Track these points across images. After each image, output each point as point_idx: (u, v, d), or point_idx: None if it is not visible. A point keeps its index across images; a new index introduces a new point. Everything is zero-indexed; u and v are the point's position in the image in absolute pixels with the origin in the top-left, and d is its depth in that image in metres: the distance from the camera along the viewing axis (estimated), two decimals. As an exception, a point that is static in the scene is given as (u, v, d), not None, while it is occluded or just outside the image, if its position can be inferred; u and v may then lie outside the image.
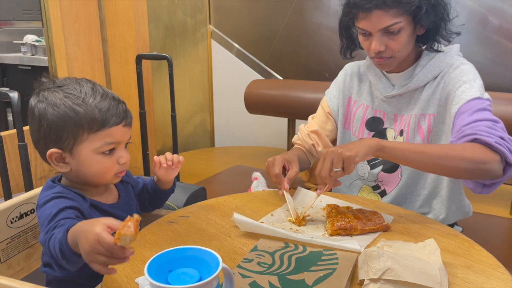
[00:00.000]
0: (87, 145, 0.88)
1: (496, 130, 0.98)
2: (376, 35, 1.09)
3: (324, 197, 1.11)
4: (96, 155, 0.89)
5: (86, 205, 0.90)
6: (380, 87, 1.22)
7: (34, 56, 2.85)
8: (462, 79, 1.10)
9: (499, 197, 1.88)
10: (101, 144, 0.89)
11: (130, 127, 0.94)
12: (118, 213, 0.97)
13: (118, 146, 0.92)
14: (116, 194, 1.02)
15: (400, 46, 1.10)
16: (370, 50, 1.13)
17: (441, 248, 0.80)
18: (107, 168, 0.91)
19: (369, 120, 1.27)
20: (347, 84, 1.32)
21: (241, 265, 0.78)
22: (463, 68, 1.12)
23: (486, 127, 0.98)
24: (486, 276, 0.77)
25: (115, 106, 0.90)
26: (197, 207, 1.06)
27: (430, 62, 1.15)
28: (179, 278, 0.58)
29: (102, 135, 0.88)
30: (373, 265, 0.74)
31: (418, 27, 1.13)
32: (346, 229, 0.92)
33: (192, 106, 2.89)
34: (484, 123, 1.00)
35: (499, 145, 0.94)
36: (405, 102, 1.20)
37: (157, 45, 2.52)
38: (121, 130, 0.91)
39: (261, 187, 1.79)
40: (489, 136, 0.96)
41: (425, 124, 1.16)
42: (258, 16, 2.69)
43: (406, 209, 1.09)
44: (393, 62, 1.14)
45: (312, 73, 2.54)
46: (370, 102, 1.27)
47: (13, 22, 3.18)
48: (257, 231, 0.90)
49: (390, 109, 1.22)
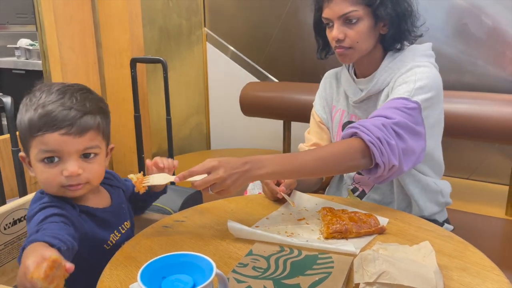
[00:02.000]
0: (32, 151, 0.86)
1: (382, 130, 0.99)
2: (336, 23, 1.13)
3: (319, 200, 1.11)
4: (38, 163, 0.86)
5: (76, 212, 0.89)
6: (350, 92, 1.25)
7: (28, 60, 2.84)
8: (405, 80, 1.10)
9: (494, 198, 1.88)
10: (37, 151, 0.85)
11: (81, 136, 0.85)
12: (109, 217, 0.96)
13: (63, 156, 0.85)
14: (109, 199, 1.01)
15: (359, 36, 1.12)
16: (332, 40, 1.16)
17: (436, 250, 0.80)
18: (49, 179, 0.85)
19: (345, 124, 1.29)
20: (328, 91, 1.35)
21: (236, 270, 0.78)
22: (415, 70, 1.11)
23: (374, 124, 1.00)
24: (481, 278, 0.77)
25: (61, 112, 0.83)
26: (192, 211, 1.06)
27: (389, 65, 1.17)
28: (172, 284, 0.58)
29: (37, 141, 0.84)
30: (368, 268, 0.74)
31: (380, 25, 1.14)
32: (341, 232, 0.92)
33: (187, 108, 2.89)
34: (378, 119, 1.02)
35: (371, 143, 0.98)
36: (372, 106, 1.21)
37: (152, 48, 2.51)
38: (60, 139, 0.83)
39: (257, 190, 1.79)
40: (367, 133, 0.99)
41: None
42: (253, 19, 2.69)
43: (395, 209, 1.09)
44: (353, 53, 1.15)
45: (307, 75, 2.53)
46: (346, 107, 1.29)
47: (7, 26, 3.17)
48: (252, 238, 0.90)
49: (360, 113, 1.25)
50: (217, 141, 3.04)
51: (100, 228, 0.93)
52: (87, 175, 0.87)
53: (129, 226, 1.02)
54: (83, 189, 0.89)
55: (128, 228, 1.01)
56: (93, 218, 0.93)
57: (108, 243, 0.94)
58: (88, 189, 0.91)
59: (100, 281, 0.77)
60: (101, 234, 0.92)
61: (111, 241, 0.94)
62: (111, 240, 0.94)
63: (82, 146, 0.86)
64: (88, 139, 0.86)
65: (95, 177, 0.90)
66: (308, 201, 1.11)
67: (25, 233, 1.07)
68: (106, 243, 0.93)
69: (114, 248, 0.93)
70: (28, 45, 2.87)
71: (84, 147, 0.86)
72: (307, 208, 1.07)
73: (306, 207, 1.08)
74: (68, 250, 0.74)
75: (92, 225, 0.91)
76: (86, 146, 0.86)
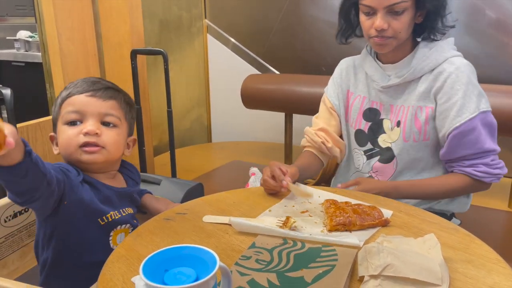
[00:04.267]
0: (60, 120, 0.95)
1: (493, 167, 1.15)
2: (381, 12, 1.11)
3: (322, 192, 1.10)
4: (63, 126, 0.94)
5: (78, 178, 0.93)
6: (377, 77, 1.23)
7: (27, 52, 2.82)
8: (458, 88, 1.12)
9: (497, 190, 1.87)
10: (64, 113, 0.94)
11: (104, 100, 0.96)
12: (113, 196, 0.99)
13: (86, 118, 0.94)
14: (124, 185, 1.06)
15: (402, 27, 1.12)
16: (371, 28, 1.14)
17: (441, 243, 0.79)
18: (70, 138, 0.93)
19: (366, 111, 1.28)
20: (344, 78, 1.33)
21: (238, 263, 0.77)
22: (459, 73, 1.12)
23: (488, 166, 1.15)
24: (487, 270, 0.76)
25: (90, 82, 0.97)
26: (194, 203, 1.05)
27: (427, 55, 1.16)
28: (175, 277, 0.57)
29: (66, 104, 0.95)
30: (373, 261, 0.73)
31: (418, 14, 1.14)
32: (345, 225, 0.91)
33: (188, 101, 2.87)
34: (483, 161, 1.15)
35: (494, 181, 1.18)
36: (401, 92, 1.21)
37: (152, 40, 2.49)
38: (86, 100, 0.94)
39: (258, 182, 1.78)
40: (487, 176, 1.16)
41: (422, 116, 1.17)
42: (254, 10, 2.67)
43: (399, 201, 1.09)
44: (392, 43, 1.14)
45: (308, 67, 2.52)
46: (367, 93, 1.28)
47: (6, 18, 3.15)
48: (254, 231, 0.89)
49: (386, 99, 1.23)
50: (218, 134, 3.03)
51: (101, 202, 0.96)
52: (105, 139, 0.95)
53: (131, 212, 1.04)
54: (99, 154, 0.94)
55: (129, 214, 1.03)
56: (96, 191, 0.96)
57: (103, 217, 0.96)
58: (105, 157, 0.96)
59: (102, 274, 0.76)
60: (99, 206, 0.95)
61: (108, 217, 0.96)
62: (107, 217, 0.96)
63: (103, 110, 0.95)
64: (110, 106, 0.96)
65: (113, 144, 0.96)
66: (310, 192, 1.09)
67: (25, 225, 1.06)
68: (101, 217, 0.96)
69: (109, 225, 0.97)
70: (27, 37, 2.85)
71: (105, 111, 0.95)
72: (310, 200, 1.06)
73: (309, 200, 1.07)
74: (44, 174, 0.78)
75: (92, 196, 0.94)
76: (107, 111, 0.96)
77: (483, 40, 2.03)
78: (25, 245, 1.07)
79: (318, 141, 1.32)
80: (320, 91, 1.38)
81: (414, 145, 1.20)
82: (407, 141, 1.20)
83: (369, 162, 1.28)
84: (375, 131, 1.26)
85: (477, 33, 2.02)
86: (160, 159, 2.46)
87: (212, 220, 0.95)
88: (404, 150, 1.21)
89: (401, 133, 1.20)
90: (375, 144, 1.26)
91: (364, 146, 1.29)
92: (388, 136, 1.24)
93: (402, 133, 1.20)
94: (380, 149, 1.25)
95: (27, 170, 0.73)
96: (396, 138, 1.22)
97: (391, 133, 1.23)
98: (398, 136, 1.21)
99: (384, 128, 1.24)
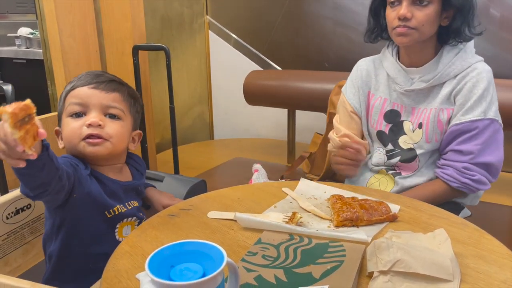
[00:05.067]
0: (64, 112, 0.95)
1: (464, 175, 1.15)
2: (406, 1, 1.11)
3: (328, 188, 1.08)
4: (67, 118, 0.94)
5: (86, 171, 0.93)
6: (400, 80, 1.23)
7: (29, 49, 2.80)
8: (475, 92, 1.13)
9: (503, 186, 1.86)
10: (68, 105, 0.94)
11: (107, 92, 0.95)
12: (119, 191, 0.99)
13: (89, 110, 0.94)
14: (130, 178, 1.06)
15: (426, 19, 1.11)
16: (395, 19, 1.13)
17: (451, 237, 0.78)
18: (74, 130, 0.93)
19: (387, 112, 1.27)
20: (364, 79, 1.32)
21: (245, 259, 0.75)
22: (479, 78, 1.14)
23: (457, 171, 1.16)
24: (498, 266, 0.74)
25: (93, 75, 0.96)
26: (198, 199, 1.04)
27: (452, 61, 1.16)
28: (181, 273, 0.55)
29: (69, 97, 0.95)
30: (382, 256, 0.71)
31: (444, 15, 1.14)
32: (352, 220, 0.90)
33: (190, 98, 2.86)
34: (454, 164, 1.16)
35: (461, 188, 1.17)
36: (423, 96, 1.21)
37: (154, 36, 2.48)
38: (89, 92, 0.94)
39: (261, 179, 1.76)
40: (453, 181, 1.17)
41: (444, 118, 1.18)
42: (256, 6, 2.65)
43: (407, 196, 1.08)
44: (414, 35, 1.13)
45: (311, 63, 2.50)
46: (388, 95, 1.27)
47: (7, 15, 3.14)
48: (260, 227, 0.87)
49: (408, 102, 1.23)
50: (221, 130, 3.02)
51: (107, 196, 0.97)
52: (108, 131, 0.94)
53: (137, 205, 1.04)
54: (102, 146, 0.94)
55: (135, 207, 1.03)
56: (102, 185, 0.96)
57: (110, 211, 0.97)
58: (108, 150, 0.95)
59: (106, 271, 0.75)
60: (106, 200, 0.96)
61: (114, 210, 0.97)
62: (114, 210, 0.97)
63: (106, 101, 0.95)
64: (113, 98, 0.96)
65: (116, 136, 0.96)
66: (316, 189, 1.08)
67: (28, 222, 1.05)
68: (108, 210, 0.96)
69: (115, 218, 0.97)
70: (28, 34, 2.84)
71: (108, 103, 0.95)
72: (315, 196, 1.05)
73: (314, 195, 1.05)
74: (57, 169, 0.79)
75: (99, 189, 0.95)
76: (110, 103, 0.95)
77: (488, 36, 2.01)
78: (27, 242, 1.05)
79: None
80: (322, 87, 1.36)
81: (436, 144, 1.22)
82: (429, 142, 1.21)
83: (390, 161, 1.28)
84: (395, 132, 1.26)
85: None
86: (163, 156, 2.44)
87: (217, 216, 0.94)
88: (426, 150, 1.22)
89: (423, 135, 1.21)
90: (396, 145, 1.26)
91: (386, 146, 1.29)
92: (410, 138, 1.24)
93: (424, 135, 1.21)
94: (401, 150, 1.26)
95: (44, 164, 0.75)
96: (418, 140, 1.22)
97: (412, 135, 1.23)
98: (420, 138, 1.22)
99: (404, 129, 1.25)
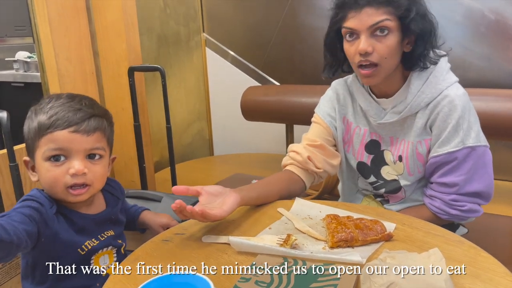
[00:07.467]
0: (39, 151, 0.88)
1: (453, 207, 1.12)
2: (364, 34, 1.04)
3: (323, 207, 1.07)
4: (44, 162, 0.88)
5: (52, 211, 0.89)
6: (373, 113, 1.18)
7: (26, 73, 2.82)
8: (449, 122, 1.08)
9: (505, 196, 1.84)
10: (45, 149, 0.87)
11: (88, 135, 0.89)
12: (90, 225, 0.96)
13: (71, 155, 0.88)
14: (103, 206, 1.02)
15: (388, 51, 1.05)
16: (356, 54, 1.07)
17: (446, 256, 0.77)
18: (54, 178, 0.88)
19: (368, 143, 1.23)
20: (341, 103, 1.27)
21: (238, 286, 0.75)
22: (451, 106, 1.07)
23: (445, 204, 1.13)
24: (494, 285, 0.73)
25: (71, 112, 0.88)
26: (191, 222, 1.03)
27: (422, 89, 1.10)
28: (169, 306, 0.55)
29: (46, 140, 0.87)
30: (376, 279, 0.70)
31: (405, 41, 1.09)
32: (347, 241, 0.89)
33: (189, 115, 2.86)
34: (441, 196, 1.13)
35: (451, 219, 1.16)
36: (399, 126, 1.17)
37: (150, 56, 2.49)
38: (69, 136, 0.87)
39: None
40: (442, 213, 1.14)
41: (423, 149, 1.14)
42: (252, 22, 2.67)
43: (402, 214, 1.07)
44: (379, 72, 1.08)
45: (308, 77, 2.51)
46: (367, 126, 1.23)
47: (5, 39, 3.17)
48: (254, 251, 0.87)
49: (385, 132, 1.20)
50: (220, 147, 3.02)
51: (75, 232, 0.93)
52: (91, 176, 0.90)
53: (112, 234, 1.01)
54: (86, 194, 0.91)
55: (110, 236, 1.00)
56: (70, 223, 0.92)
57: (82, 247, 0.94)
58: (91, 194, 0.93)
59: (98, 302, 0.74)
60: (74, 238, 0.92)
61: (86, 246, 0.94)
62: (86, 245, 0.94)
63: (89, 145, 0.89)
64: (95, 139, 0.90)
65: (98, 179, 0.92)
66: (311, 208, 1.08)
67: (22, 251, 1.04)
68: (80, 248, 0.93)
69: (89, 253, 0.94)
70: (26, 57, 2.86)
71: (91, 146, 0.89)
72: (310, 216, 1.04)
73: (310, 215, 1.04)
74: (11, 243, 0.75)
75: (67, 228, 0.92)
76: (93, 146, 0.90)
77: (483, 43, 2.01)
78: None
79: (304, 155, 1.25)
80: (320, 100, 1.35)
81: (420, 175, 1.18)
82: (412, 175, 1.18)
83: (376, 192, 1.26)
84: (377, 163, 1.22)
85: (477, 37, 2.01)
86: (162, 174, 2.44)
87: (211, 240, 0.93)
88: (411, 182, 1.19)
89: (405, 168, 1.18)
90: (379, 176, 1.23)
91: (368, 178, 1.25)
92: (393, 169, 1.20)
93: (406, 168, 1.18)
94: (385, 181, 1.22)
95: None
96: (401, 172, 1.19)
97: (395, 166, 1.20)
98: (403, 170, 1.18)
99: (386, 159, 1.21)
